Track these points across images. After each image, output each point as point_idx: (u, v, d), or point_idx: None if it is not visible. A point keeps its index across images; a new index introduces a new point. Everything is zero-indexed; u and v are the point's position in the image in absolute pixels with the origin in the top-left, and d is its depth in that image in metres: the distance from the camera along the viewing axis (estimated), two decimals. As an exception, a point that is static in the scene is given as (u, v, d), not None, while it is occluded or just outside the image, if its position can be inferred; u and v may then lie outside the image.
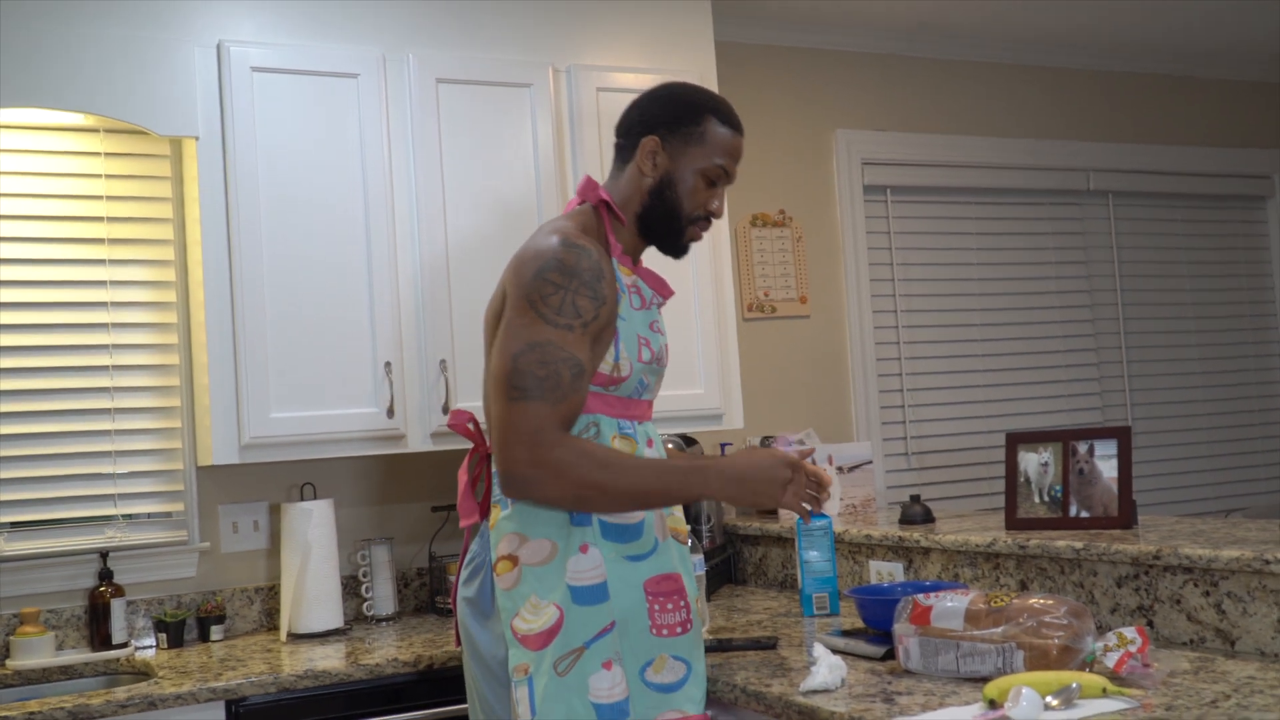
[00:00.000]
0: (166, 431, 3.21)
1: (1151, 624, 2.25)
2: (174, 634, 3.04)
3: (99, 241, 3.17)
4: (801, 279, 4.13)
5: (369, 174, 3.06)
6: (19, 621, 2.93)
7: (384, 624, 3.21)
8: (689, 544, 2.20)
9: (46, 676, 2.87)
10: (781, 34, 4.15)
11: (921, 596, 2.09)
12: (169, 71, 2.91)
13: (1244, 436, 5.00)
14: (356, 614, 3.30)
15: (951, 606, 2.03)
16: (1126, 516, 2.54)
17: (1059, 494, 2.65)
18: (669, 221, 2.17)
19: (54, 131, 3.14)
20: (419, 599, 3.42)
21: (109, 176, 3.19)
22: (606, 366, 2.06)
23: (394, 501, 3.43)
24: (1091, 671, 1.88)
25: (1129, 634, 1.89)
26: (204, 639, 3.10)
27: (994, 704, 1.77)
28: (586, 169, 3.28)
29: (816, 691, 2.00)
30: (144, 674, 2.86)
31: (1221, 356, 4.99)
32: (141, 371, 3.19)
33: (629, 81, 3.36)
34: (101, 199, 3.18)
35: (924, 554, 2.77)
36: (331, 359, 2.99)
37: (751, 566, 3.44)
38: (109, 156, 3.19)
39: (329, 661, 2.71)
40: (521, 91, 3.23)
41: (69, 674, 2.89)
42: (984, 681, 1.92)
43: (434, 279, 3.10)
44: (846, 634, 2.37)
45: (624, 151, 2.21)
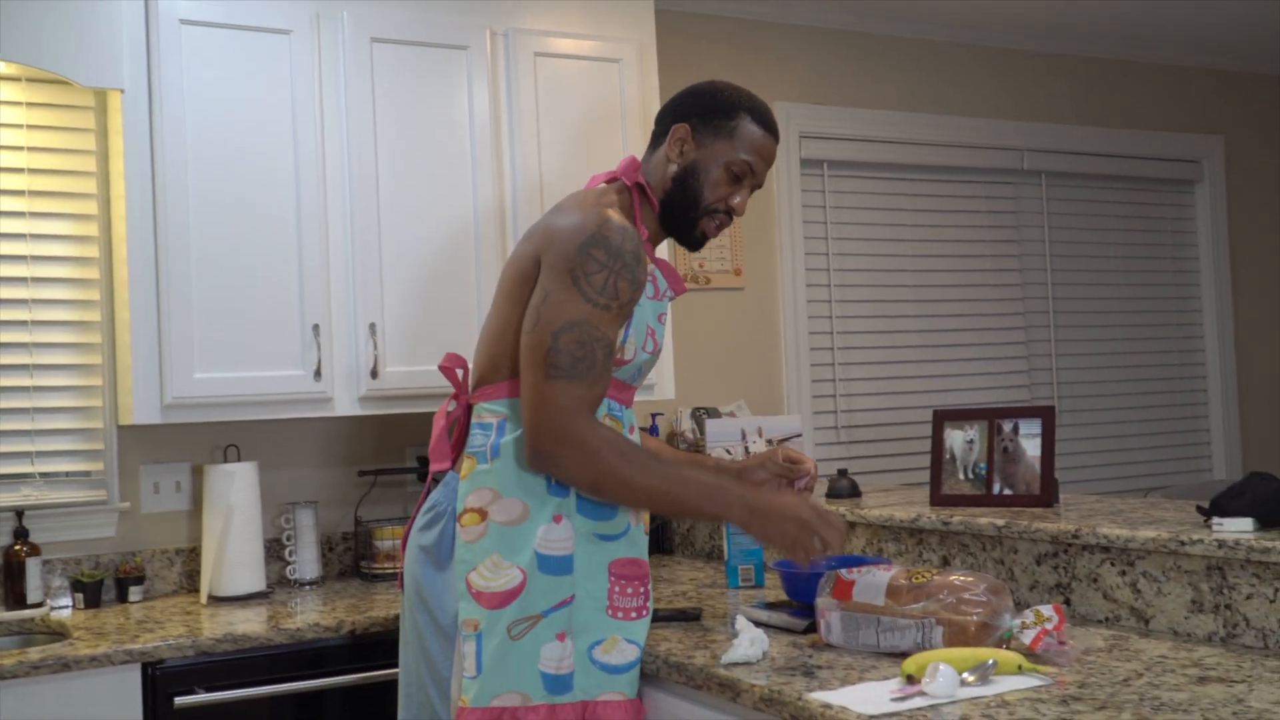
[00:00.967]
0: (87, 389, 3.14)
1: (1069, 602, 2.29)
2: (91, 594, 2.98)
3: (19, 194, 3.09)
4: (736, 251, 4.13)
5: (300, 133, 3.00)
6: (-71, 581, 2.86)
7: (307, 588, 3.18)
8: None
9: (-43, 637, 2.82)
10: (722, 4, 4.13)
11: (844, 571, 2.11)
12: (94, 21, 2.83)
13: (1166, 418, 5.10)
14: (279, 578, 3.27)
15: (873, 581, 2.04)
16: (1049, 495, 2.58)
17: (983, 471, 2.68)
18: (687, 210, 2.18)
19: (-28, 78, 3.05)
20: (343, 564, 3.39)
21: (30, 127, 3.10)
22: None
23: (320, 465, 3.40)
24: (1008, 648, 1.90)
25: (1046, 612, 1.92)
26: (122, 600, 3.06)
27: (911, 679, 1.79)
28: (523, 134, 3.25)
29: (738, 664, 2.00)
30: (59, 634, 2.80)
31: (1147, 338, 5.08)
32: (62, 328, 3.12)
33: (568, 47, 3.33)
34: (22, 150, 3.09)
35: (850, 528, 2.80)
36: (258, 320, 2.94)
37: (679, 537, 3.45)
38: (31, 106, 3.10)
39: (249, 625, 2.68)
40: (458, 54, 3.19)
41: (-19, 635, 2.84)
42: (903, 656, 1.94)
43: (365, 242, 3.05)
44: (770, 606, 2.38)
45: (656, 139, 2.23)
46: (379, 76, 3.09)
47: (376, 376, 3.05)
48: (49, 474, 3.10)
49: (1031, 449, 2.64)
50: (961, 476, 2.71)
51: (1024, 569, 2.38)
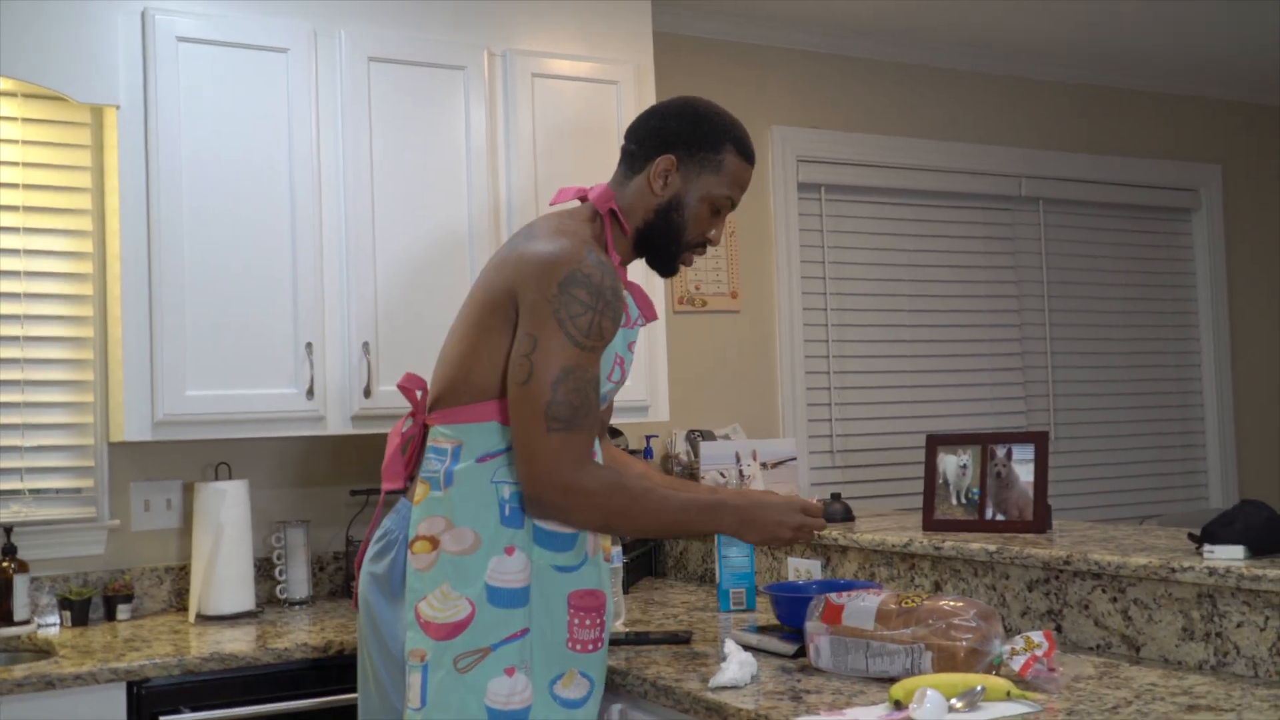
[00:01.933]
0: (79, 405, 3.13)
1: (1060, 628, 2.27)
2: (79, 612, 2.97)
3: (14, 209, 3.09)
4: (733, 274, 4.13)
5: (296, 152, 3.00)
6: (-84, 596, 2.85)
7: (297, 608, 3.16)
8: (611, 560, 2.22)
9: (-57, 654, 2.80)
10: (721, 27, 4.14)
11: (834, 595, 2.10)
12: (91, 37, 2.83)
13: (1161, 445, 5.09)
14: (269, 597, 3.25)
15: (863, 606, 2.03)
16: (1041, 521, 2.57)
17: (976, 496, 2.67)
18: (669, 244, 2.16)
19: (-31, 93, 3.05)
20: (334, 583, 3.37)
21: (26, 143, 3.10)
22: None
23: (311, 484, 3.38)
24: (998, 674, 1.89)
25: (1036, 638, 1.91)
26: (110, 618, 3.04)
27: (899, 705, 1.78)
28: (519, 155, 3.25)
29: (725, 688, 1.99)
30: (45, 653, 2.78)
31: (1143, 365, 5.07)
32: (54, 344, 3.11)
33: (565, 69, 3.34)
34: (18, 165, 3.09)
35: (842, 552, 2.78)
36: (251, 338, 2.93)
37: (672, 560, 3.43)
38: (26, 122, 3.10)
39: (237, 644, 2.67)
40: (455, 74, 3.19)
41: (-33, 651, 2.82)
42: (892, 682, 1.93)
43: (359, 261, 3.05)
44: (761, 630, 2.37)
45: (635, 160, 2.15)
46: (376, 96, 3.09)
47: (369, 396, 3.04)
48: (39, 490, 3.09)
49: (1025, 474, 2.63)
50: (954, 501, 2.70)
51: (1015, 595, 2.37)
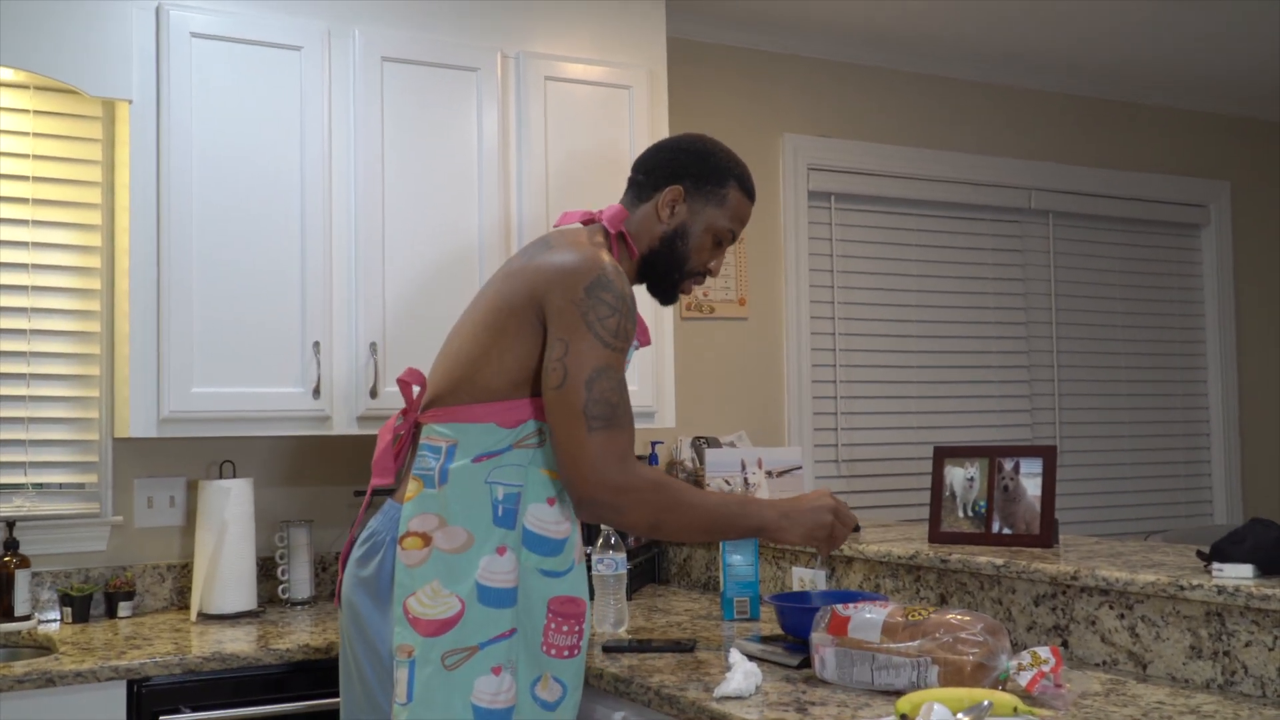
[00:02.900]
0: (84, 400, 3.13)
1: (1066, 644, 2.26)
2: (80, 609, 2.96)
3: (23, 201, 3.08)
4: (742, 281, 4.12)
5: (307, 150, 2.99)
6: (-83, 589, 2.84)
7: (299, 608, 3.15)
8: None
9: (-57, 647, 2.79)
10: (734, 34, 4.13)
11: (840, 606, 2.08)
12: (104, 31, 2.83)
13: (1168, 460, 5.08)
14: (271, 596, 3.24)
15: (869, 618, 2.02)
16: (1048, 535, 2.56)
17: (983, 509, 2.66)
18: (671, 271, 2.23)
19: (-19, 85, 3.05)
20: (337, 584, 3.36)
21: (36, 135, 3.10)
22: None
23: (316, 484, 3.38)
24: (1004, 690, 1.88)
25: (1043, 653, 1.90)
26: (111, 615, 3.03)
27: (905, 718, 1.76)
28: (530, 157, 3.25)
29: (730, 698, 1.98)
30: (46, 649, 2.78)
31: (1150, 381, 5.06)
32: (60, 338, 3.11)
33: (578, 72, 3.33)
34: (28, 158, 3.09)
35: (847, 563, 2.77)
36: (258, 336, 2.93)
37: (675, 567, 3.42)
38: (38, 115, 3.10)
39: (238, 644, 2.66)
40: (468, 75, 3.19)
41: (-34, 645, 2.81)
42: (898, 695, 1.92)
43: (369, 260, 3.04)
44: (765, 640, 2.36)
45: (642, 190, 2.24)
46: (388, 95, 3.09)
47: (376, 396, 3.03)
48: (42, 485, 3.08)
49: (1032, 488, 2.61)
50: (961, 514, 2.69)
51: (1022, 609, 2.35)
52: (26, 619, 2.91)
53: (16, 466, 3.05)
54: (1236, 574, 2.03)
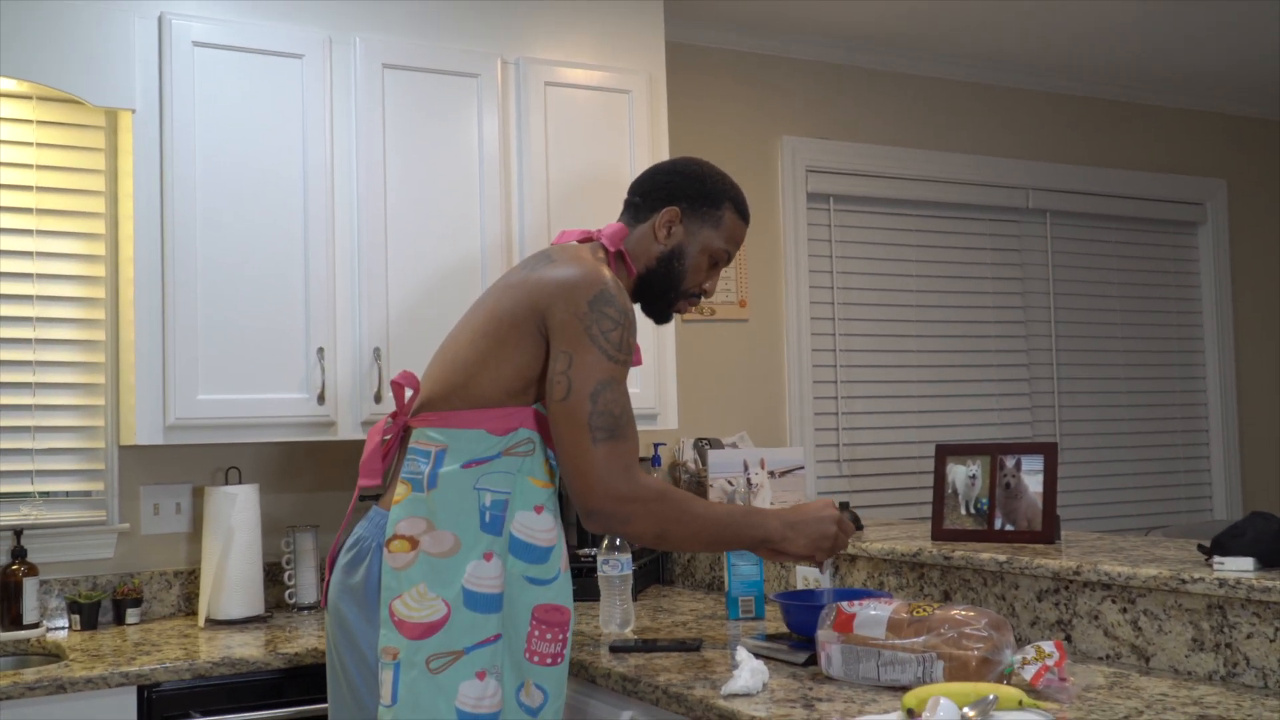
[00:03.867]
0: (89, 409, 3.14)
1: (1070, 638, 2.28)
2: (88, 616, 2.97)
3: (27, 211, 3.10)
4: (742, 283, 4.14)
5: (310, 157, 3.01)
6: (-73, 598, 2.85)
7: (306, 612, 3.17)
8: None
9: (-47, 655, 2.80)
10: (732, 37, 4.16)
11: (845, 604, 2.10)
12: (107, 41, 2.85)
13: (1167, 456, 5.10)
14: (278, 601, 3.26)
15: (874, 615, 2.04)
16: (1050, 531, 2.57)
17: (985, 506, 2.67)
18: (668, 291, 2.27)
19: (-15, 97, 3.06)
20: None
21: (40, 145, 3.11)
22: None
23: (321, 489, 3.39)
24: (1009, 684, 1.90)
25: (1047, 648, 1.91)
26: (119, 622, 3.04)
27: (912, 713, 1.78)
28: (531, 162, 3.26)
29: (737, 695, 2.00)
30: (55, 656, 2.79)
31: (1149, 377, 5.08)
32: (66, 346, 3.13)
33: (578, 77, 3.35)
34: (31, 168, 3.10)
35: (851, 561, 2.79)
36: (263, 342, 2.94)
37: (680, 567, 3.44)
38: (41, 125, 3.12)
39: (247, 649, 2.67)
40: (469, 81, 3.21)
41: (-23, 653, 2.82)
42: (904, 690, 1.93)
43: (371, 266, 3.06)
44: (770, 638, 2.38)
45: (639, 211, 2.27)
46: (390, 102, 3.11)
47: (379, 401, 3.05)
48: (49, 493, 3.09)
49: (1034, 485, 2.63)
50: (963, 511, 2.71)
51: (1025, 605, 2.37)
52: (35, 626, 2.92)
53: (23, 475, 3.06)
54: (1237, 567, 2.05)
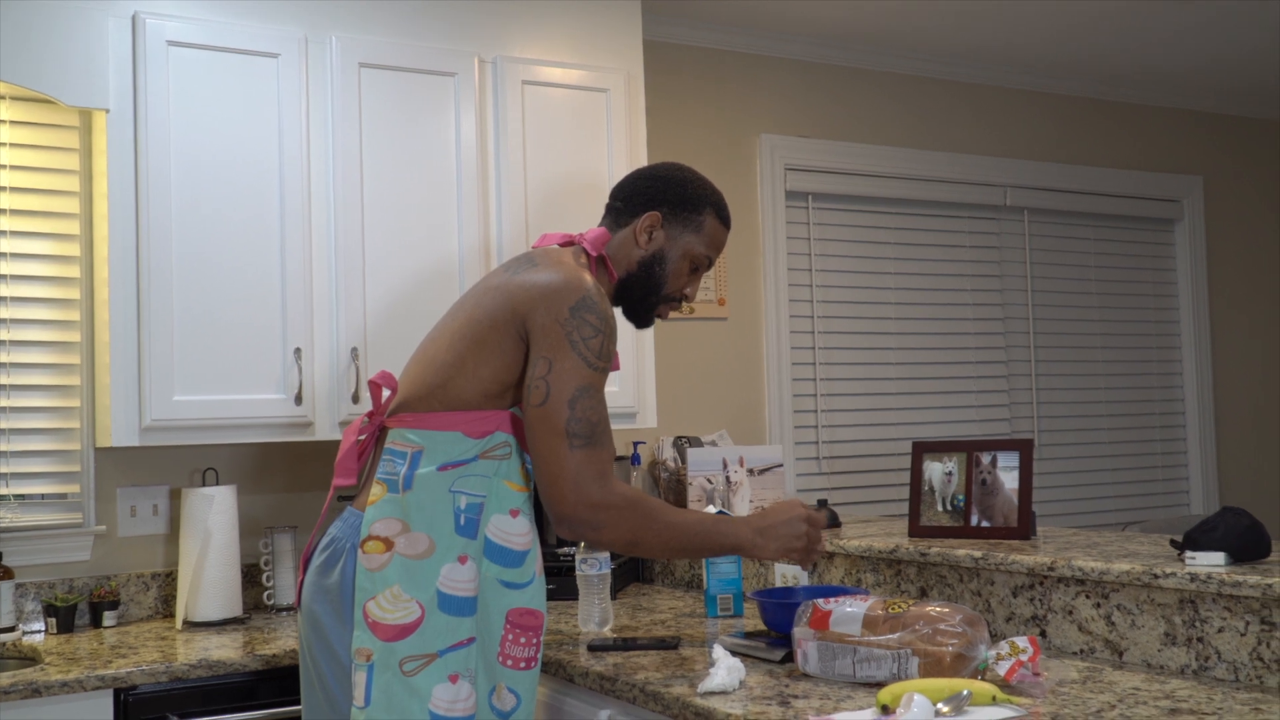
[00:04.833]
0: (65, 410, 3.13)
1: (1044, 633, 2.29)
2: (64, 619, 2.96)
3: (0, 212, 3.08)
4: (721, 281, 4.14)
5: (286, 156, 3.00)
6: (-99, 601, 2.84)
7: (285, 614, 3.16)
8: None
9: (-72, 659, 2.79)
10: (710, 36, 4.16)
11: (821, 601, 2.11)
12: (80, 40, 2.83)
13: (1144, 452, 5.12)
14: (256, 603, 3.25)
15: (850, 612, 2.04)
16: (1026, 527, 2.59)
17: (961, 503, 2.69)
18: (648, 295, 2.27)
19: (-42, 97, 3.05)
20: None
21: (13, 145, 3.10)
22: None
23: (299, 490, 3.38)
24: (983, 679, 1.91)
25: (1021, 643, 1.92)
26: (96, 625, 3.03)
27: (886, 709, 1.79)
28: (509, 161, 3.26)
29: (714, 693, 2.00)
30: (31, 660, 2.78)
31: (1126, 374, 5.11)
32: (40, 348, 3.11)
33: (556, 76, 3.35)
34: (4, 168, 3.09)
35: (828, 558, 2.80)
36: (239, 343, 2.94)
37: (659, 566, 3.44)
38: (14, 125, 3.10)
39: (225, 651, 2.67)
40: (446, 80, 3.20)
41: (-48, 657, 2.81)
42: (879, 686, 1.94)
43: (349, 266, 3.06)
44: (748, 636, 2.38)
45: (620, 216, 2.27)
46: (366, 101, 3.10)
47: (358, 401, 3.04)
48: (24, 496, 3.08)
49: (1010, 481, 2.65)
50: (940, 508, 2.72)
51: (1000, 600, 2.38)
52: (11, 630, 2.91)
53: (-1, 477, 3.05)
54: (1209, 562, 2.06)
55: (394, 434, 2.08)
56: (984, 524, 2.64)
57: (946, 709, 1.76)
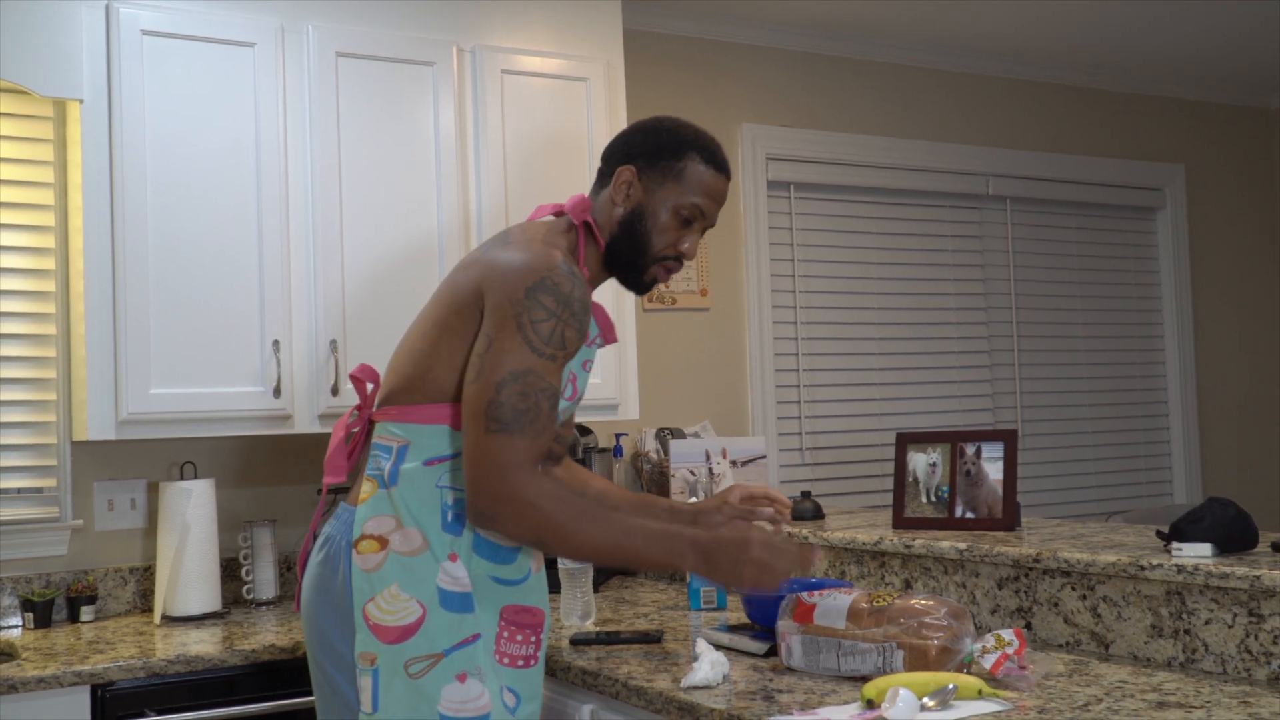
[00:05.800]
0: (40, 404, 3.09)
1: (1030, 626, 2.28)
2: (41, 614, 2.93)
3: (-26, 204, 3.04)
4: (703, 272, 4.12)
5: (263, 147, 2.97)
6: (-126, 598, 2.80)
7: (264, 608, 3.13)
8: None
9: (-98, 656, 2.75)
10: (691, 25, 4.13)
11: (806, 594, 2.10)
12: (54, 30, 2.79)
13: (1127, 442, 5.13)
14: (236, 597, 3.22)
15: (834, 605, 2.03)
16: (1010, 518, 2.58)
17: (946, 494, 2.68)
18: (634, 256, 2.09)
19: (-72, 86, 3.00)
20: (297, 589, 3.33)
21: (-13, 136, 3.06)
22: None
23: (278, 483, 3.35)
24: (969, 672, 1.90)
25: (1007, 636, 1.92)
26: (74, 620, 3.00)
27: (871, 704, 1.78)
28: (488, 151, 3.23)
29: (698, 688, 1.99)
30: (7, 655, 2.75)
31: (1109, 363, 5.11)
32: (15, 341, 3.07)
33: (535, 65, 3.32)
34: (-22, 159, 3.05)
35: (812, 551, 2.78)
36: (217, 335, 2.90)
37: (642, 558, 3.42)
38: (-13, 115, 3.06)
39: (203, 646, 2.64)
40: (424, 70, 3.17)
41: (-74, 654, 2.77)
42: (864, 680, 1.93)
43: (327, 257, 3.02)
44: (732, 629, 2.37)
45: (603, 177, 2.13)
46: (344, 91, 3.07)
47: (337, 394, 3.01)
48: None
49: (994, 472, 2.64)
50: (924, 499, 2.71)
51: (985, 593, 2.37)
52: (-13, 626, 2.88)
53: (-27, 472, 3.01)
54: (1195, 553, 2.06)
55: (380, 428, 2.02)
56: (968, 515, 2.64)
57: (932, 703, 1.75)
